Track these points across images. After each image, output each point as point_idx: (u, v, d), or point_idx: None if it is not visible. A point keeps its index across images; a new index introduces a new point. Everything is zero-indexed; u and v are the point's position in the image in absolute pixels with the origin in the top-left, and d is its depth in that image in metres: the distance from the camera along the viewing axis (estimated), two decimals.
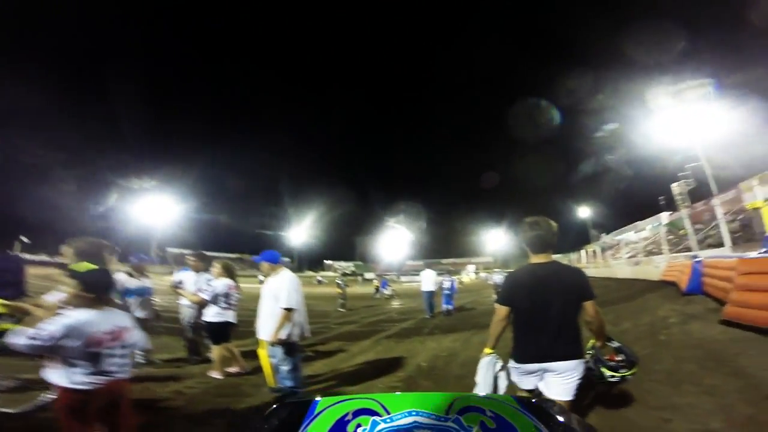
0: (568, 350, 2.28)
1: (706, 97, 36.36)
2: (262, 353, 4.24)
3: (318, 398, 1.06)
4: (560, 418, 1.01)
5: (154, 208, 64.86)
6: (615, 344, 2.65)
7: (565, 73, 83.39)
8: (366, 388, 4.77)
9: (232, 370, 5.13)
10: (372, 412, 0.94)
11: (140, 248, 67.21)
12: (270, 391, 4.21)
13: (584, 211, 67.24)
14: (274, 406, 1.12)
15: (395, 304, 17.68)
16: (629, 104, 46.75)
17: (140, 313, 5.22)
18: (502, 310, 2.45)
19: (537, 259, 2.42)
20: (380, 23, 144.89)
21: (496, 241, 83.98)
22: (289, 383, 3.92)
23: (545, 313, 2.27)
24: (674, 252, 28.92)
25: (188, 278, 5.86)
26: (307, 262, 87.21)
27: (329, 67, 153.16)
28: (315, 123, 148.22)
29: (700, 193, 40.76)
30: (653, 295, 12.73)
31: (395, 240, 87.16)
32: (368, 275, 72.28)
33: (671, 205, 45.25)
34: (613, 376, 2.51)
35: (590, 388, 3.02)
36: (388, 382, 5.06)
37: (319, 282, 52.54)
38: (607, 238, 56.45)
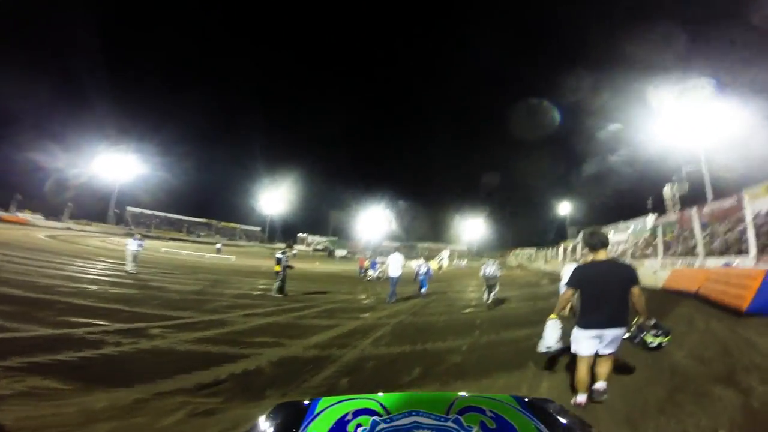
0: (620, 321, 3.07)
1: (708, 98, 32.71)
2: None
3: (318, 398, 1.05)
4: (560, 418, 1.01)
5: (115, 165, 57.95)
6: (652, 321, 3.36)
7: (564, 72, 78.79)
8: None
9: None
10: (372, 412, 0.91)
11: (97, 206, 61.32)
12: None
13: (564, 207, 63.74)
14: (275, 406, 1.09)
15: (360, 293, 12.66)
16: (626, 104, 43.28)
17: None
18: (569, 292, 3.24)
19: (598, 256, 3.15)
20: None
21: (472, 230, 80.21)
22: None
23: (605, 294, 3.04)
24: (669, 255, 25.25)
25: None
26: (279, 233, 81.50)
27: (318, 46, 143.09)
28: (297, 91, 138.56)
29: (691, 197, 37.74)
30: (687, 310, 8.76)
31: (373, 218, 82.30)
32: (340, 252, 67.15)
33: (658, 208, 42.06)
34: (653, 342, 3.26)
35: None
36: None
37: (294, 256, 47.08)
38: None
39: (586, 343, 3.11)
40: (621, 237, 40.46)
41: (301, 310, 8.06)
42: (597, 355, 3.19)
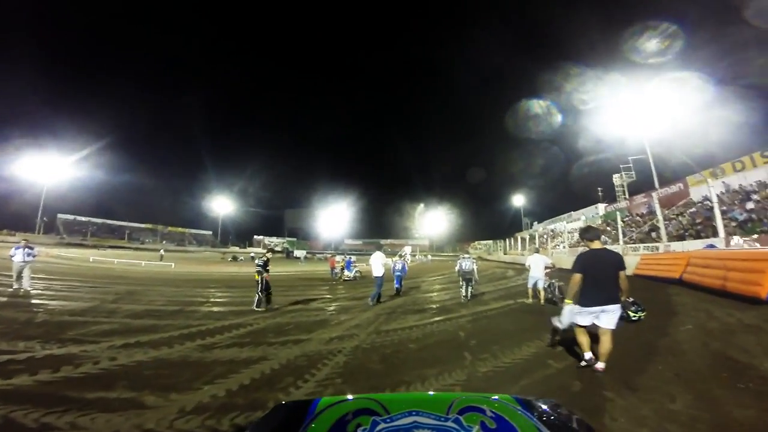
0: (615, 298, 3.52)
1: (652, 89, 33.33)
2: None
3: (318, 398, 1.01)
4: (560, 418, 0.99)
5: (43, 167, 50.51)
6: (631, 299, 4.09)
7: (515, 65, 79.77)
8: None
9: None
10: (372, 412, 0.89)
11: (24, 213, 53.57)
12: None
13: (518, 199, 64.34)
14: (275, 406, 1.08)
15: (327, 301, 10.19)
16: (577, 96, 43.70)
17: None
18: (577, 276, 3.58)
19: (594, 245, 3.71)
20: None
21: (431, 225, 79.47)
22: None
23: (603, 276, 3.52)
24: (628, 242, 25.01)
25: None
26: (233, 236, 76.39)
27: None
28: (246, 85, 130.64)
29: (638, 185, 38.60)
30: (690, 300, 7.66)
31: (331, 217, 79.20)
32: (299, 252, 63.62)
33: (607, 197, 42.89)
34: (634, 316, 4.18)
35: None
36: None
37: (253, 258, 43.88)
38: (539, 227, 53.63)
39: (586, 317, 3.59)
40: (575, 225, 40.80)
41: (220, 332, 5.62)
42: (597, 333, 3.61)
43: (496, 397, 1.04)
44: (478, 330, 5.83)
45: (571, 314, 3.68)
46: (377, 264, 9.64)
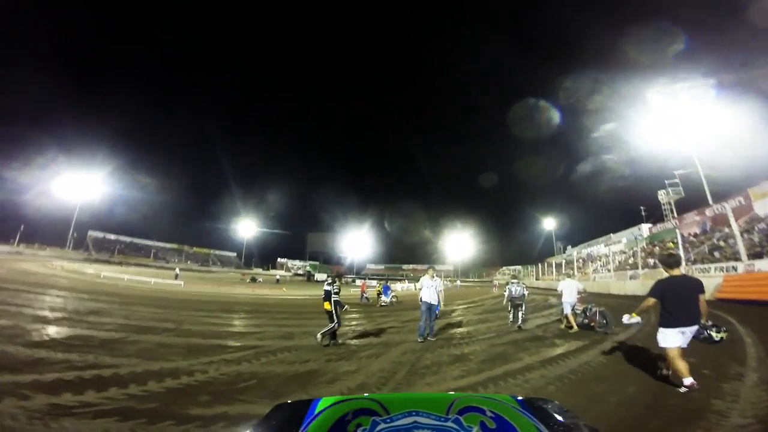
0: (696, 320, 3.66)
1: (701, 97, 29.96)
2: None
3: (318, 398, 0.99)
4: (560, 418, 0.95)
5: (78, 184, 51.35)
6: (710, 321, 3.84)
7: (549, 80, 76.21)
8: None
9: None
10: (372, 412, 0.87)
11: (56, 229, 54.30)
12: None
13: (549, 223, 60.21)
14: (275, 406, 1.03)
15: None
16: (612, 112, 40.40)
17: None
18: (651, 300, 3.78)
19: (674, 272, 3.84)
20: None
21: (456, 250, 75.74)
22: None
23: (684, 300, 3.68)
24: (689, 264, 21.53)
25: None
26: (257, 258, 75.37)
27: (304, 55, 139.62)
28: (275, 112, 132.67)
29: (687, 202, 34.53)
30: None
31: (354, 241, 77.07)
32: (320, 276, 61.41)
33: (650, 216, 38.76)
34: (717, 337, 3.76)
35: None
36: None
37: (278, 281, 44.61)
38: (573, 251, 49.42)
39: (673, 338, 3.65)
40: (616, 248, 36.84)
41: (125, 384, 3.32)
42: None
43: (496, 397, 1.02)
44: (574, 398, 3.24)
45: (630, 322, 3.93)
46: (428, 290, 7.15)
